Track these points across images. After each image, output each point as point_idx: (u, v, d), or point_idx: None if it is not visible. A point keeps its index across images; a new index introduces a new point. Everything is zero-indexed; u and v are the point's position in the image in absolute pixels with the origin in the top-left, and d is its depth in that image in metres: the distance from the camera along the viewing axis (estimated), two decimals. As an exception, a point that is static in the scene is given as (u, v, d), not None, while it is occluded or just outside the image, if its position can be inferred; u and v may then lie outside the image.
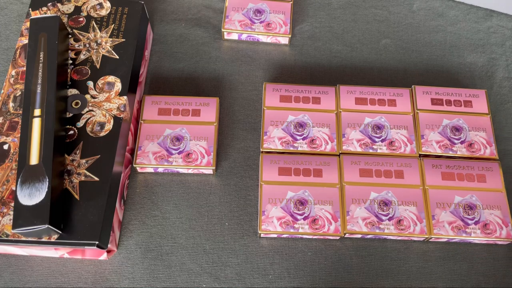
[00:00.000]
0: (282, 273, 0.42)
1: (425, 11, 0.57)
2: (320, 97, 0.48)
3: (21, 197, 0.36)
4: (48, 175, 0.37)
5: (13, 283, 0.41)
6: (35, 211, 0.36)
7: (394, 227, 0.42)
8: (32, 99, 0.40)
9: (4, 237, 0.38)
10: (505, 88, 0.52)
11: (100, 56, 0.46)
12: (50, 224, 0.36)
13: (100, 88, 0.44)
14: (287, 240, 0.44)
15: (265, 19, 0.53)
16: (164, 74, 0.52)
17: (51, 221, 0.36)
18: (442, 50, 0.54)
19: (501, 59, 0.54)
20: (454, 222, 0.43)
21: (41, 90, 0.40)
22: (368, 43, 0.55)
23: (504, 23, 0.56)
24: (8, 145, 0.41)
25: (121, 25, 0.47)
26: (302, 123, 0.47)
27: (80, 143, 0.41)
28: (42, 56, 0.41)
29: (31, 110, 0.40)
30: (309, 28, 0.55)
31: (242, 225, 0.44)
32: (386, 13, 0.57)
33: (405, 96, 0.49)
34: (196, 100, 0.48)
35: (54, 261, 0.42)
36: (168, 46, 0.53)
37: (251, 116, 0.49)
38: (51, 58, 0.42)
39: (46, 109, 0.40)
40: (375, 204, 0.43)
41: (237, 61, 0.53)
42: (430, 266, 0.43)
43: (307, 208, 0.43)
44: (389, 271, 0.43)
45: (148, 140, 0.46)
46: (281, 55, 0.53)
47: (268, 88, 0.49)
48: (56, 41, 0.42)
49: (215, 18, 0.55)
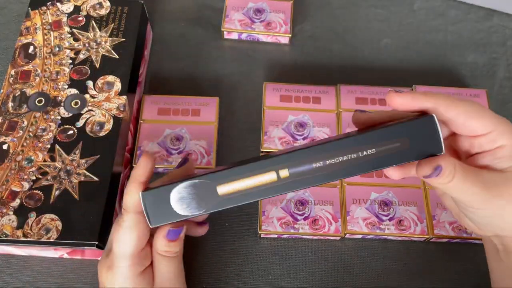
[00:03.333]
0: (282, 273, 0.42)
1: (426, 11, 0.57)
2: (321, 97, 0.48)
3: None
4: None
5: (13, 283, 0.41)
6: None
7: (394, 228, 0.42)
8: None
9: (4, 237, 0.37)
10: (506, 88, 0.52)
11: (99, 56, 0.45)
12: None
13: (99, 88, 0.44)
14: (287, 241, 0.44)
15: (265, 19, 0.53)
16: (164, 74, 0.52)
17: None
18: (443, 50, 0.54)
19: (502, 58, 0.54)
20: (455, 223, 0.43)
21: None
22: (369, 43, 0.54)
23: (505, 22, 0.56)
24: (7, 145, 0.41)
25: (120, 24, 0.47)
26: (302, 123, 0.47)
27: (80, 143, 0.41)
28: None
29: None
30: (309, 27, 0.55)
31: (242, 225, 0.44)
32: (386, 12, 0.56)
33: (406, 96, 0.48)
34: (196, 100, 0.48)
35: (53, 261, 0.42)
36: (168, 45, 0.53)
37: (251, 116, 0.49)
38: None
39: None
40: (375, 204, 0.43)
41: (237, 60, 0.53)
42: (430, 266, 0.43)
43: (307, 208, 0.43)
44: (390, 271, 0.43)
45: (148, 140, 0.45)
46: (281, 55, 0.53)
47: (268, 87, 0.49)
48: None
49: (215, 18, 0.55)
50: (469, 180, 0.29)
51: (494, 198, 0.29)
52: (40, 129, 0.42)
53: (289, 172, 0.29)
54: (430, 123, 0.28)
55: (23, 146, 0.41)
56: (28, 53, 0.45)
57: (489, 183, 0.29)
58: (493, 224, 0.31)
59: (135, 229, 0.32)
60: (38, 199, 0.39)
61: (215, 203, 0.29)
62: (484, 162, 0.31)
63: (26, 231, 0.38)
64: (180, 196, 0.29)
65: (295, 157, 0.29)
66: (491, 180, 0.29)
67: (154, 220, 0.30)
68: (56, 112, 0.43)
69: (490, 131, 0.30)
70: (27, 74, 0.44)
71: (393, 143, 0.28)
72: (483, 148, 0.31)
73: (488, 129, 0.30)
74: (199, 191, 0.29)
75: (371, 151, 0.29)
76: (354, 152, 0.29)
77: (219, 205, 0.30)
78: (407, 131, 0.28)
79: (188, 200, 0.29)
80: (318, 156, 0.29)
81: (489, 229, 0.32)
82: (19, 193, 0.39)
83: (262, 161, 0.29)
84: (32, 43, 0.46)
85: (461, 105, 0.29)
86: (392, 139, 0.28)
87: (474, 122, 0.29)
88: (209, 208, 0.30)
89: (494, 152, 0.30)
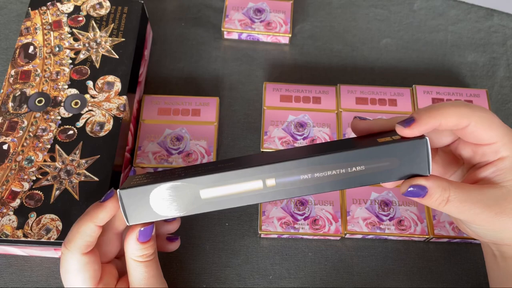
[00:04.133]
0: (282, 273, 0.42)
1: (425, 11, 0.57)
2: (321, 97, 0.48)
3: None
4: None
5: (13, 283, 0.41)
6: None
7: (394, 227, 0.42)
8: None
9: (4, 237, 0.37)
10: (506, 88, 0.52)
11: (99, 56, 0.45)
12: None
13: (99, 88, 0.44)
14: (287, 241, 0.44)
15: (265, 19, 0.53)
16: (164, 73, 0.52)
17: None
18: (443, 50, 0.54)
19: (502, 58, 0.54)
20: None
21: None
22: (369, 43, 0.54)
23: (505, 22, 0.56)
24: (7, 145, 0.41)
25: (120, 24, 0.47)
26: (302, 123, 0.47)
27: (80, 143, 0.41)
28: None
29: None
30: (309, 27, 0.55)
31: (242, 225, 0.44)
32: (386, 12, 0.56)
33: (406, 96, 0.49)
34: (196, 100, 0.48)
35: (53, 261, 0.42)
36: (168, 45, 0.53)
37: (251, 116, 0.49)
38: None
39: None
40: (375, 204, 0.43)
41: (237, 60, 0.53)
42: (430, 266, 0.43)
43: (307, 208, 0.43)
44: (390, 271, 0.43)
45: (148, 140, 0.45)
46: (281, 55, 0.53)
47: (268, 87, 0.49)
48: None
49: (215, 18, 0.55)
50: (468, 202, 0.29)
51: (496, 215, 0.29)
52: (40, 129, 0.42)
53: (276, 182, 0.28)
54: (422, 145, 0.28)
55: (23, 146, 0.41)
56: (28, 53, 0.45)
57: (490, 201, 0.29)
58: (495, 236, 0.31)
59: (86, 270, 0.30)
60: (38, 199, 0.39)
61: (197, 206, 0.29)
62: (485, 174, 0.31)
63: (26, 231, 0.38)
64: (160, 197, 0.29)
65: (284, 168, 0.28)
66: (492, 197, 0.29)
67: (132, 218, 0.29)
68: (56, 112, 0.43)
69: (495, 142, 0.30)
70: (27, 74, 0.44)
71: (383, 162, 0.28)
72: (486, 157, 0.30)
73: (494, 139, 0.29)
74: (181, 193, 0.29)
75: (360, 168, 0.28)
76: (344, 167, 0.28)
77: (201, 209, 0.29)
78: (399, 152, 0.28)
79: (168, 201, 0.29)
80: (307, 168, 0.28)
81: (489, 239, 0.32)
82: (19, 193, 0.39)
83: (250, 169, 0.28)
84: (32, 43, 0.46)
85: (473, 116, 0.29)
86: (383, 158, 0.28)
87: (483, 131, 0.29)
88: (190, 210, 0.29)
89: (495, 163, 0.30)
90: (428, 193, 0.28)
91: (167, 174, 0.30)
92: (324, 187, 0.29)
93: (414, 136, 0.28)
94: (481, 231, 0.31)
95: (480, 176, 0.31)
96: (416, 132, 0.28)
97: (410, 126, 0.28)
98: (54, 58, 0.45)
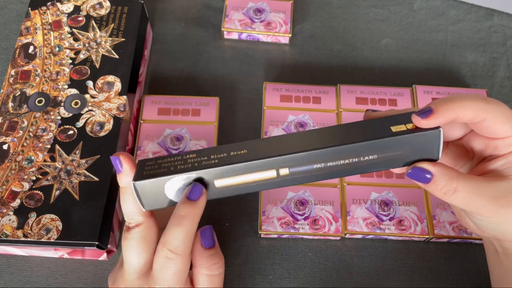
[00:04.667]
0: (282, 273, 0.42)
1: (426, 11, 0.57)
2: (321, 97, 0.48)
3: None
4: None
5: (13, 283, 0.41)
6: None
7: (395, 227, 0.42)
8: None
9: (4, 237, 0.37)
10: (506, 88, 0.52)
11: (99, 56, 0.45)
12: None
13: (99, 88, 0.44)
14: (287, 241, 0.44)
15: (265, 19, 0.53)
16: (164, 73, 0.52)
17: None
18: (443, 50, 0.54)
19: (502, 58, 0.54)
20: (455, 223, 0.43)
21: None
22: (369, 43, 0.54)
23: (505, 22, 0.56)
24: (7, 145, 0.41)
25: (120, 24, 0.47)
26: (302, 123, 0.47)
27: (80, 143, 0.41)
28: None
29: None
30: (309, 27, 0.55)
31: (242, 225, 0.44)
32: (386, 12, 0.56)
33: (406, 96, 0.49)
34: (196, 100, 0.48)
35: (53, 261, 0.42)
36: (168, 45, 0.53)
37: (251, 116, 0.49)
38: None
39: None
40: (375, 204, 0.43)
41: (237, 60, 0.53)
42: (430, 266, 0.43)
43: (307, 208, 0.43)
44: (390, 271, 0.43)
45: (148, 140, 0.45)
46: (281, 55, 0.53)
47: (268, 87, 0.49)
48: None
49: (215, 18, 0.55)
50: (476, 193, 0.29)
51: (502, 208, 0.29)
52: (40, 129, 0.42)
53: (289, 171, 0.29)
54: (436, 137, 0.29)
55: (23, 146, 0.41)
56: (28, 53, 0.45)
57: (497, 193, 0.29)
58: (497, 229, 0.31)
59: (141, 242, 0.31)
60: (38, 199, 0.39)
61: (211, 193, 0.30)
62: (495, 167, 0.31)
63: (26, 231, 0.38)
64: (176, 187, 0.30)
65: (298, 159, 0.29)
66: (500, 190, 0.29)
67: (147, 205, 0.30)
68: (56, 112, 0.43)
69: (510, 136, 0.30)
70: (27, 74, 0.44)
71: (396, 151, 0.29)
72: (498, 150, 0.31)
73: (508, 133, 0.29)
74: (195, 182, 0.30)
75: (372, 157, 0.29)
76: (357, 156, 0.29)
77: (215, 195, 0.30)
78: (413, 142, 0.29)
79: (183, 189, 0.30)
80: (321, 158, 0.29)
81: (491, 233, 0.32)
82: (19, 193, 0.39)
83: (263, 160, 0.29)
84: (32, 43, 0.46)
85: (490, 110, 0.29)
86: (397, 148, 0.29)
87: (499, 126, 0.29)
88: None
89: (506, 156, 0.30)
90: (433, 180, 0.29)
91: (178, 161, 0.30)
92: (336, 174, 0.30)
93: (431, 127, 0.29)
94: (484, 223, 0.31)
95: (490, 168, 0.31)
96: (432, 123, 0.28)
97: (428, 117, 0.28)
98: (54, 58, 0.45)
